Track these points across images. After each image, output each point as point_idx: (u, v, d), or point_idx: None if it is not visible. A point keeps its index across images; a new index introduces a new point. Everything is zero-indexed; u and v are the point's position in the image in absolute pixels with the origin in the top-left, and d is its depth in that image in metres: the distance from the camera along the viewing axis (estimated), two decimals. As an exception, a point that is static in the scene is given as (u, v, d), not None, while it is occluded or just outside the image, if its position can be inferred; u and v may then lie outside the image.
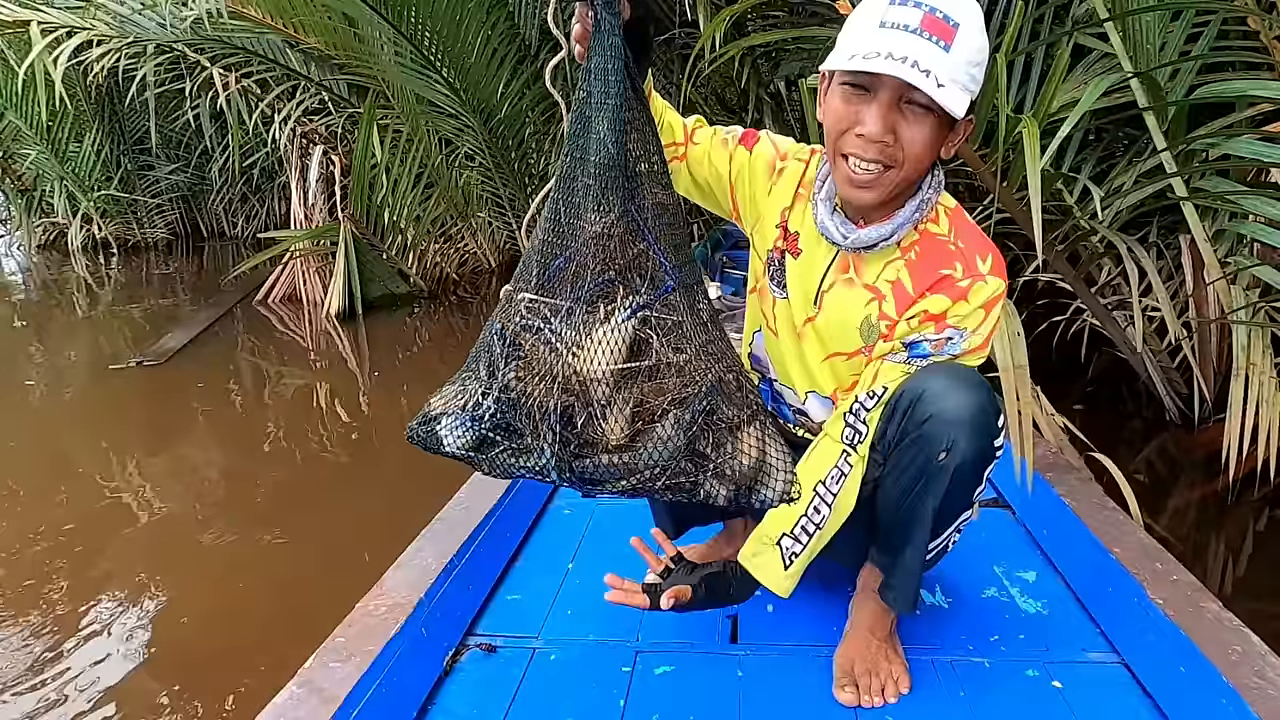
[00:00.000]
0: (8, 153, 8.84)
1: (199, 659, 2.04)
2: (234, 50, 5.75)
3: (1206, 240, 2.65)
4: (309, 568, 2.45)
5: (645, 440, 1.08)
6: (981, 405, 1.19)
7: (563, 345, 1.09)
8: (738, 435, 1.14)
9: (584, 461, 1.10)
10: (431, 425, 1.21)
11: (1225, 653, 1.29)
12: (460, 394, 1.21)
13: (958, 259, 1.21)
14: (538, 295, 1.13)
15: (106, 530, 2.71)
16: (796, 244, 1.33)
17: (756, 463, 1.14)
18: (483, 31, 5.22)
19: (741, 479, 1.13)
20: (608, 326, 1.08)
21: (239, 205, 8.91)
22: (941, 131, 1.15)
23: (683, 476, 1.09)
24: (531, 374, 1.11)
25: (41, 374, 4.71)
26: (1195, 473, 2.74)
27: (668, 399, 1.09)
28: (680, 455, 1.07)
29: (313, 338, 5.20)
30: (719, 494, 1.11)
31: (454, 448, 1.19)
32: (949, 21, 1.08)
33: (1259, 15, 2.50)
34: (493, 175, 6.13)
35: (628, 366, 1.08)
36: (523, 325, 1.13)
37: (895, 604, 1.35)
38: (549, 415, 1.09)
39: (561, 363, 1.08)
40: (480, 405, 1.15)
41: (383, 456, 3.29)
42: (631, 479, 1.09)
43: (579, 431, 1.09)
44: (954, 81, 1.08)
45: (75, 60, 5.58)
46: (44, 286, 7.63)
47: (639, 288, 1.10)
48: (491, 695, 1.36)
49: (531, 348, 1.11)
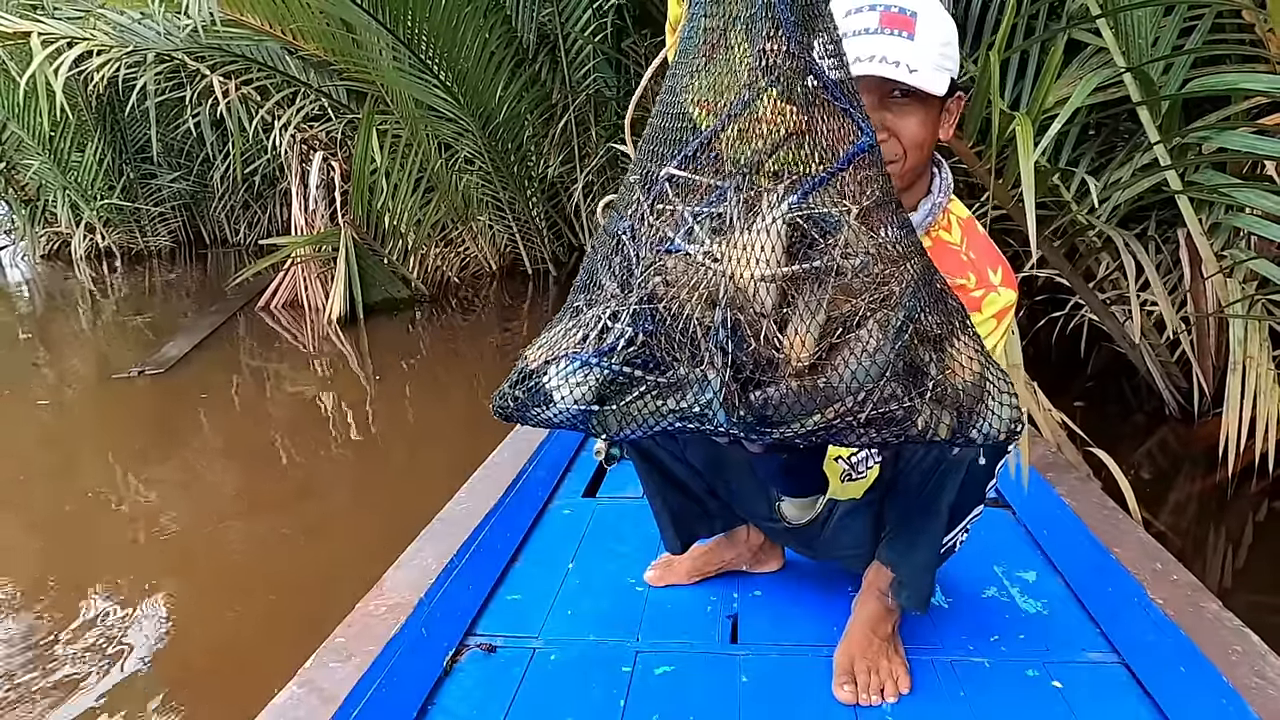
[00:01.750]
0: (11, 163, 8.87)
1: (199, 659, 2.05)
2: (234, 58, 5.78)
3: (1203, 234, 2.66)
4: (309, 568, 2.46)
5: (844, 354, 0.82)
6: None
7: (709, 254, 0.83)
8: (948, 349, 0.89)
9: (764, 392, 0.82)
10: (535, 380, 0.92)
11: (1225, 653, 1.29)
12: (576, 329, 0.91)
13: (970, 269, 1.23)
14: (679, 171, 0.86)
15: (108, 535, 2.73)
16: None
17: (977, 381, 0.89)
18: (480, 35, 5.24)
19: (964, 402, 0.88)
20: (771, 215, 0.83)
21: (241, 212, 8.94)
22: (932, 114, 1.17)
23: (894, 403, 0.83)
24: (682, 280, 0.84)
25: (45, 384, 4.73)
26: (1195, 466, 2.74)
27: (864, 300, 0.83)
28: (891, 372, 0.82)
29: (314, 343, 5.22)
30: (940, 424, 0.86)
31: (569, 403, 0.89)
32: (905, 13, 1.11)
33: (1253, 9, 2.51)
34: (492, 179, 6.15)
35: (802, 266, 0.82)
36: (662, 220, 0.87)
37: (908, 602, 1.35)
38: (715, 330, 0.81)
39: (714, 272, 0.82)
40: (609, 331, 0.87)
41: (383, 459, 3.30)
42: (828, 410, 0.82)
43: (753, 351, 0.81)
44: (925, 65, 1.11)
45: (76, 70, 5.60)
46: (48, 296, 7.66)
47: (815, 158, 0.85)
48: (491, 695, 1.37)
49: (670, 260, 0.85)
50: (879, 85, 1.12)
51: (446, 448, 3.48)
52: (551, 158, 6.26)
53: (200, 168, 8.67)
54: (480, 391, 4.38)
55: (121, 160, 8.50)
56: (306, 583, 2.37)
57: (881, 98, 1.14)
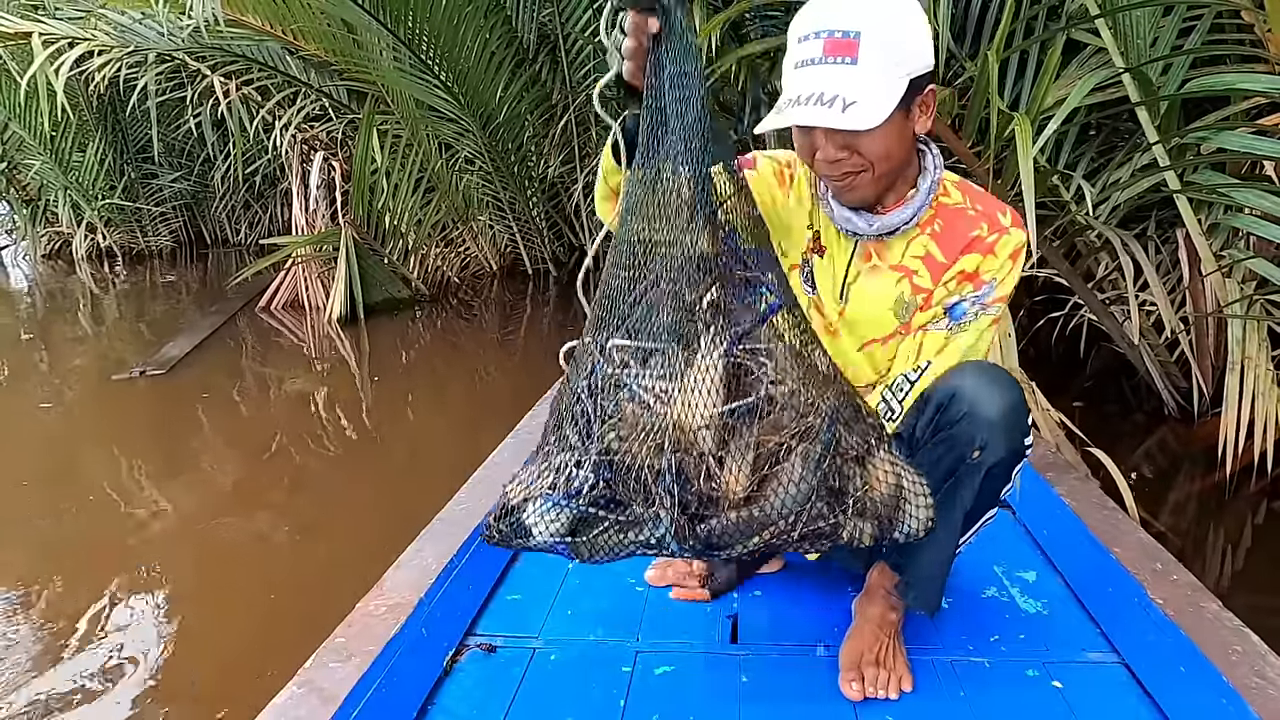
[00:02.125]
0: (12, 163, 8.87)
1: (199, 659, 2.06)
2: (234, 58, 5.78)
3: (1201, 234, 2.66)
4: (309, 568, 2.47)
5: (773, 486, 0.97)
6: (1014, 404, 1.21)
7: (658, 395, 0.98)
8: (867, 465, 1.04)
9: (708, 524, 0.98)
10: (515, 517, 1.09)
11: (1225, 653, 1.29)
12: (545, 472, 1.08)
13: (982, 220, 1.28)
14: (623, 340, 1.03)
15: (108, 536, 2.73)
16: (820, 243, 1.37)
17: (894, 491, 1.05)
18: (480, 36, 5.24)
19: (882, 512, 1.04)
20: (707, 362, 0.98)
21: (241, 212, 8.95)
22: (893, 123, 1.16)
23: (821, 521, 0.98)
24: (633, 432, 0.99)
25: (46, 384, 4.73)
26: (1193, 466, 2.75)
27: (788, 435, 0.97)
28: (815, 496, 0.97)
29: (315, 343, 5.23)
30: (863, 533, 1.02)
31: (546, 536, 1.06)
32: (849, 35, 1.10)
33: (1252, 9, 2.51)
34: (493, 179, 6.15)
35: (736, 406, 0.98)
36: (613, 379, 1.02)
37: (915, 603, 1.35)
38: (663, 475, 0.96)
39: (662, 416, 0.97)
40: (575, 477, 1.03)
41: (383, 459, 3.31)
42: (764, 533, 0.98)
43: (697, 490, 0.97)
44: (868, 89, 1.10)
45: (77, 70, 5.61)
46: (49, 296, 7.67)
47: (738, 316, 1.01)
48: (491, 695, 1.37)
49: (624, 405, 1.00)
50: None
51: (447, 447, 3.48)
52: (552, 158, 6.27)
53: (201, 168, 8.67)
54: (480, 391, 4.39)
55: (122, 160, 8.51)
56: (306, 583, 2.37)
57: None
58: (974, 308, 1.28)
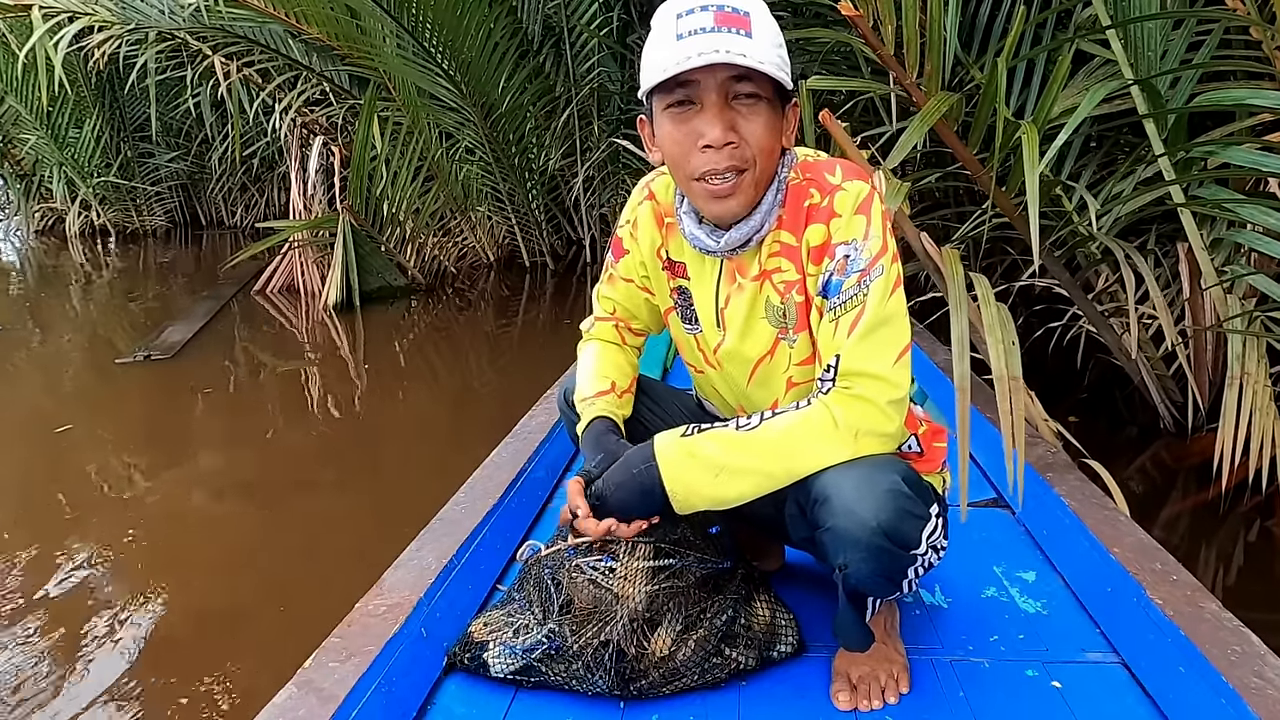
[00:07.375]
0: (7, 137, 8.80)
1: (198, 658, 2.02)
2: (236, 39, 5.75)
3: (1204, 248, 2.67)
4: (309, 567, 2.44)
5: (689, 646, 1.33)
6: (883, 522, 1.11)
7: (607, 577, 1.37)
8: (752, 604, 1.41)
9: (637, 684, 1.30)
10: (477, 653, 1.37)
11: (1225, 653, 1.29)
12: (508, 623, 1.40)
13: (811, 186, 1.20)
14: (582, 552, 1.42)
15: (108, 529, 2.69)
16: (685, 270, 1.33)
17: (769, 625, 1.40)
18: (484, 25, 5.22)
19: (762, 643, 1.38)
20: (643, 550, 1.38)
21: (238, 194, 8.91)
22: (777, 118, 1.15)
23: (718, 658, 1.34)
24: (584, 614, 1.34)
25: (47, 370, 4.68)
26: (1188, 481, 2.75)
27: (699, 608, 1.36)
28: (716, 648, 1.34)
29: (310, 330, 5.20)
30: (748, 661, 1.35)
31: (500, 672, 1.35)
32: (739, 12, 1.09)
33: (1261, 25, 2.52)
34: (493, 169, 6.13)
35: (662, 586, 1.36)
36: (574, 569, 1.40)
37: (841, 643, 1.33)
38: (605, 655, 1.30)
39: (608, 594, 1.35)
40: (531, 638, 1.36)
41: (382, 455, 3.27)
42: (680, 682, 1.32)
43: (630, 659, 1.30)
44: (765, 54, 1.08)
45: (76, 45, 5.57)
46: (42, 274, 7.60)
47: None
48: (492, 695, 1.36)
49: (580, 584, 1.38)
50: (725, 82, 1.10)
51: (439, 439, 3.47)
52: (553, 150, 6.26)
53: (199, 148, 8.64)
54: (474, 383, 4.37)
55: (119, 138, 8.45)
56: (306, 582, 2.35)
57: (727, 98, 1.11)
58: (851, 278, 1.15)
